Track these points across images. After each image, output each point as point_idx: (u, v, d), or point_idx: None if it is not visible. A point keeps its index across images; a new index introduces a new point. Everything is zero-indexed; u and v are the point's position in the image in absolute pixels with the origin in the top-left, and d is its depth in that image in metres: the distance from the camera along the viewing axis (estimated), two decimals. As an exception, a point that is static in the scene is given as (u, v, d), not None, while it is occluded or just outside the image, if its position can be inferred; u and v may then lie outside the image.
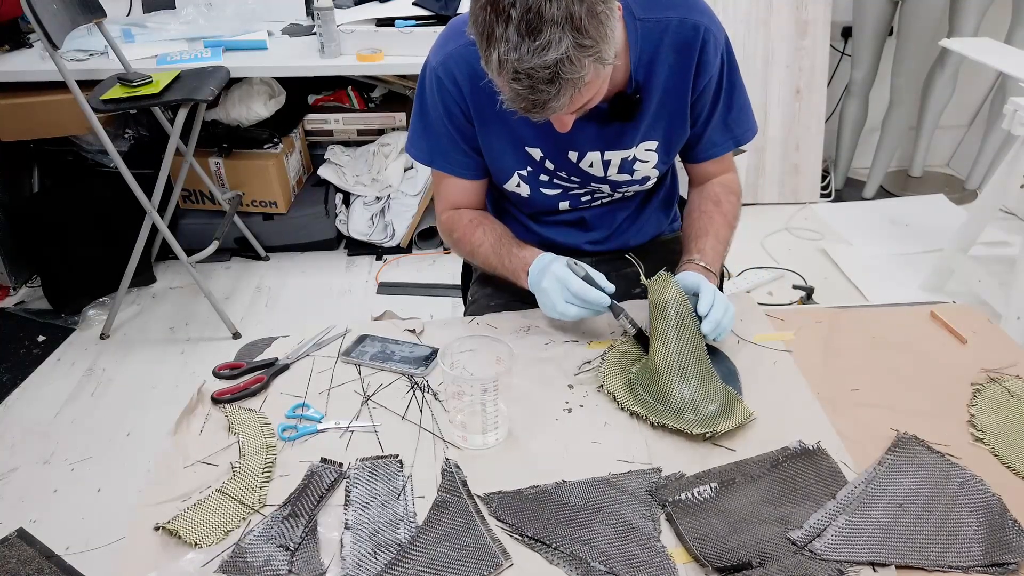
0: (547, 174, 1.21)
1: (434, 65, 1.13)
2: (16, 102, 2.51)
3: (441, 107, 1.15)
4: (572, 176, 1.21)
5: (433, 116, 1.18)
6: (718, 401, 1.00)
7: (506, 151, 1.19)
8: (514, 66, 0.86)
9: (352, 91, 2.96)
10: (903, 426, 0.95)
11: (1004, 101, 2.35)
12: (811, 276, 2.72)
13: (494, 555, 0.80)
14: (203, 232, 2.70)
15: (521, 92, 0.88)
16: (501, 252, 1.21)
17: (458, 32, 1.11)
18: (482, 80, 1.03)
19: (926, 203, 3.24)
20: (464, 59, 1.10)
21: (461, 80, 1.12)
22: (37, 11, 1.99)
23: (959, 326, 1.15)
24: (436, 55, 1.14)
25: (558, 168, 1.19)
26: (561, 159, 1.18)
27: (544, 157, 1.18)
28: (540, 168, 1.20)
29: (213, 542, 0.83)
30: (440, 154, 1.22)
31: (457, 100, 1.14)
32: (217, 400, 1.04)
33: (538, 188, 1.24)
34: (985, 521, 0.82)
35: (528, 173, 1.21)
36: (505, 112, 1.01)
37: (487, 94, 1.08)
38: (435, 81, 1.13)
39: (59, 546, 1.72)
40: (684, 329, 1.03)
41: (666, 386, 1.01)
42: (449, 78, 1.12)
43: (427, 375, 1.09)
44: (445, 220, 1.29)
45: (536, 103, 0.90)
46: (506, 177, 1.23)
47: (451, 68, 1.11)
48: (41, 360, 2.43)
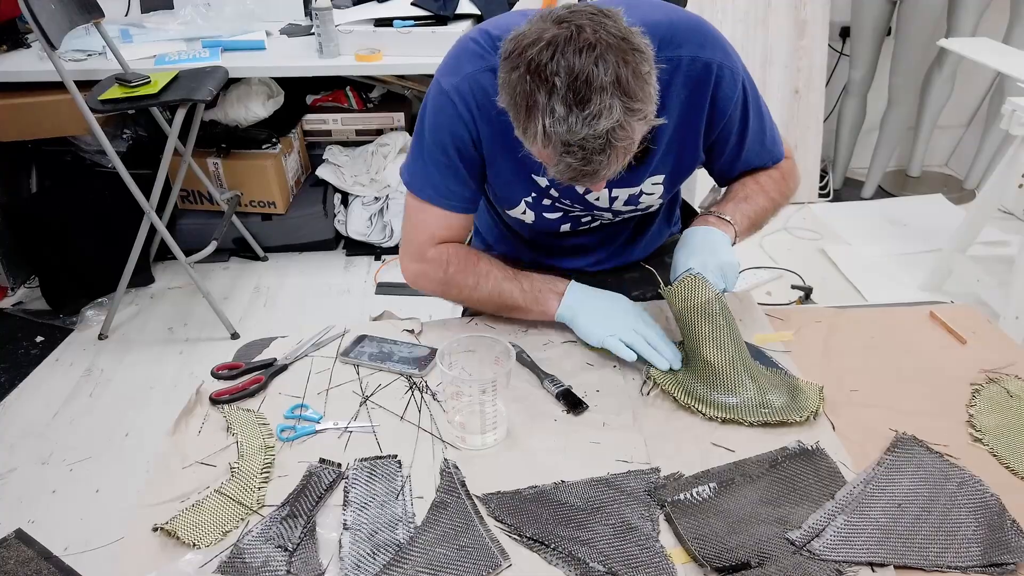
0: (551, 199, 1.17)
1: (446, 88, 1.05)
2: (14, 102, 2.50)
3: (447, 132, 1.08)
4: (576, 204, 1.18)
5: (433, 141, 1.09)
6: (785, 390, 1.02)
7: (514, 179, 1.14)
8: (564, 138, 0.82)
9: (350, 91, 2.96)
10: (902, 426, 0.95)
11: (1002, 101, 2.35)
12: (810, 276, 2.72)
13: (493, 555, 0.80)
14: (201, 232, 2.69)
15: (573, 164, 0.85)
16: (518, 278, 1.15)
17: (472, 55, 1.05)
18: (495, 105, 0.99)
19: (924, 203, 3.25)
20: (480, 85, 1.04)
21: (476, 105, 1.05)
22: (35, 11, 1.99)
23: (958, 326, 1.15)
24: (449, 77, 1.06)
25: (563, 196, 1.16)
26: (567, 189, 1.14)
27: (549, 186, 1.14)
28: (544, 194, 1.17)
29: (212, 543, 0.83)
30: (434, 185, 1.13)
31: (468, 126, 1.07)
32: (216, 400, 1.04)
33: (541, 213, 1.20)
34: (984, 521, 0.82)
35: (533, 199, 1.18)
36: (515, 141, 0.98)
37: (499, 122, 1.03)
38: (447, 104, 1.06)
39: (57, 547, 1.72)
40: (734, 327, 1.04)
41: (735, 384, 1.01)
42: (463, 102, 1.05)
43: (426, 375, 1.09)
44: (434, 256, 1.17)
45: (587, 173, 0.86)
46: (513, 205, 1.19)
47: (466, 92, 1.04)
48: (39, 360, 2.42)
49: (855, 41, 3.19)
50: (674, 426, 0.98)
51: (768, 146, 1.19)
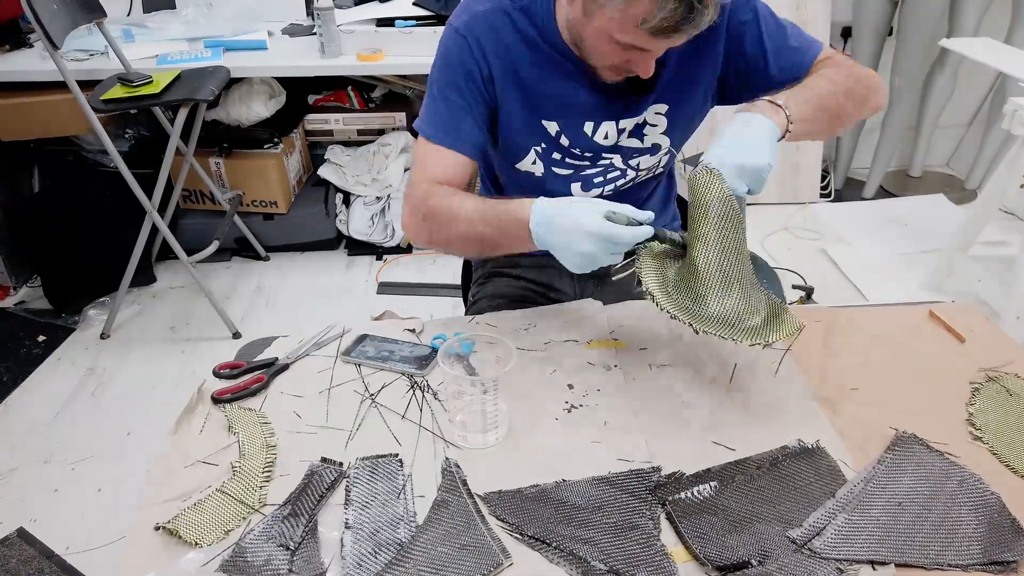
0: (560, 152, 1.19)
1: (457, 26, 1.11)
2: (16, 102, 2.51)
3: (459, 67, 1.11)
4: (585, 151, 1.19)
5: (445, 80, 1.12)
6: (764, 311, 0.97)
7: (523, 124, 1.17)
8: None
9: (352, 91, 2.96)
10: (902, 425, 0.96)
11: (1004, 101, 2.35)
12: (811, 276, 2.72)
13: (494, 554, 0.81)
14: (203, 232, 2.70)
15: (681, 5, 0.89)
16: (485, 209, 1.05)
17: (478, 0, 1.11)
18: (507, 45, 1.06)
19: (926, 203, 3.25)
20: (489, 22, 1.10)
21: (486, 43, 1.10)
22: (37, 11, 1.99)
23: (957, 325, 1.15)
24: (459, 17, 1.12)
25: (572, 144, 1.18)
26: (576, 132, 1.17)
27: (560, 132, 1.17)
28: (555, 145, 1.18)
29: (213, 541, 0.83)
30: (444, 123, 1.13)
31: (479, 61, 1.11)
32: (217, 400, 1.04)
33: (551, 167, 1.21)
34: (984, 519, 0.82)
35: (543, 149, 1.19)
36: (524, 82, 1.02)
37: (509, 61, 1.09)
38: (458, 41, 1.10)
39: (59, 545, 1.72)
40: (729, 232, 0.96)
41: (707, 293, 0.96)
42: (473, 39, 1.10)
43: (427, 375, 1.09)
44: (420, 192, 1.11)
45: (691, 18, 0.90)
46: (522, 154, 1.20)
47: (476, 30, 1.10)
48: (41, 360, 2.43)
49: (856, 41, 3.19)
50: (675, 425, 0.98)
51: (795, 45, 1.15)
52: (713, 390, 1.05)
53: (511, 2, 1.11)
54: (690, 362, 1.10)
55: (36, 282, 2.78)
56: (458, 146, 1.13)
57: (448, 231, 1.09)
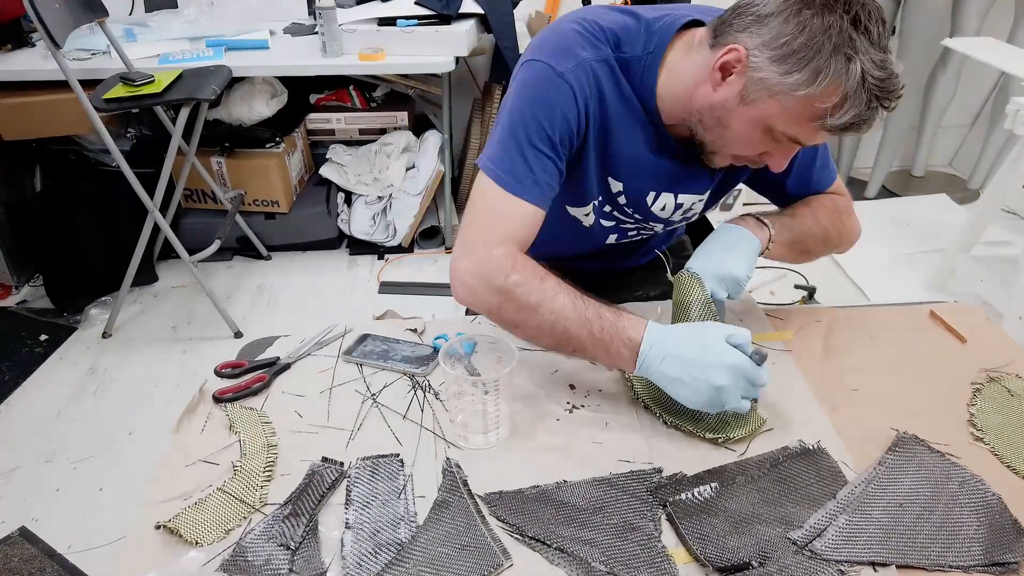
0: (613, 206, 1.15)
1: (561, 71, 0.99)
2: (18, 101, 2.51)
3: (560, 116, 1.00)
4: (636, 214, 1.16)
5: (538, 126, 1.00)
6: None
7: (593, 178, 1.10)
8: (881, 82, 0.88)
9: (354, 90, 2.96)
10: (903, 425, 0.95)
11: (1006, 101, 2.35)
12: (813, 275, 2.72)
13: (495, 555, 0.81)
14: (205, 231, 2.70)
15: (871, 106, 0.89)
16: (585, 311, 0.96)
17: (584, 42, 1.02)
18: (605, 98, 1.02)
19: (928, 203, 3.24)
20: (595, 74, 1.01)
21: (590, 95, 1.01)
22: (39, 10, 1.99)
23: (958, 325, 1.15)
24: (562, 61, 1.00)
25: (628, 205, 1.14)
26: (636, 198, 1.13)
27: (621, 192, 1.12)
28: (611, 201, 1.14)
29: (214, 541, 0.83)
30: (527, 174, 1.01)
31: (580, 112, 1.01)
32: (219, 399, 1.04)
33: (599, 219, 1.18)
34: (985, 520, 0.82)
35: (599, 202, 1.15)
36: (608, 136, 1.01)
37: (603, 116, 1.03)
38: (563, 88, 0.99)
39: (61, 545, 1.72)
40: None
41: None
42: (580, 87, 1.00)
43: (428, 374, 1.09)
44: (501, 255, 0.98)
45: (870, 120, 0.91)
46: (583, 203, 1.14)
47: (583, 80, 1.00)
48: (43, 359, 2.43)
49: (859, 40, 3.18)
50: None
51: (819, 167, 1.19)
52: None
53: (612, 51, 1.03)
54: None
55: (38, 281, 2.78)
56: (538, 200, 1.02)
57: (528, 317, 0.98)
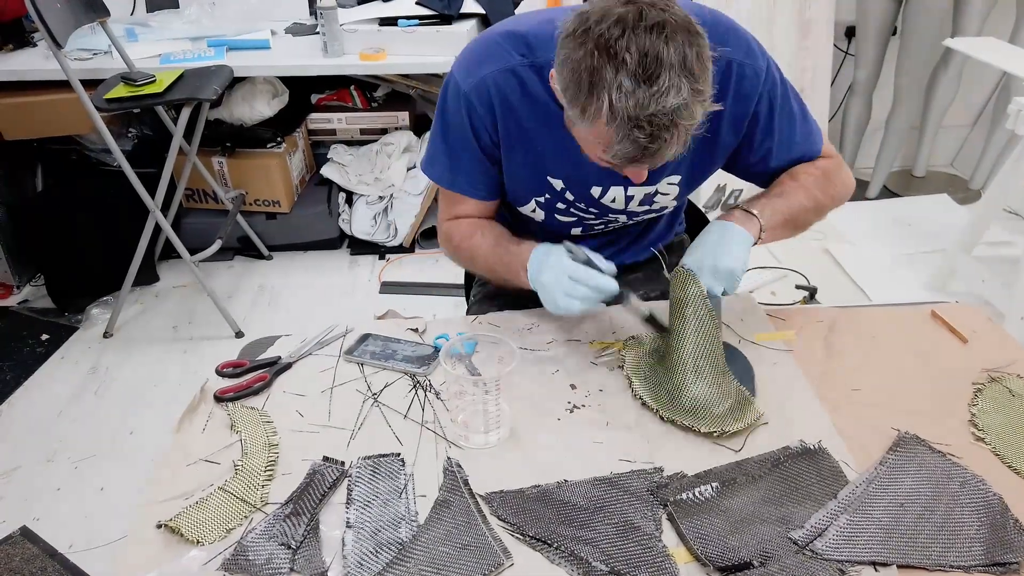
0: (564, 203, 1.18)
1: (466, 90, 1.06)
2: (20, 101, 2.51)
3: (469, 131, 1.10)
4: (590, 208, 1.18)
5: (457, 136, 1.12)
6: (730, 401, 1.00)
7: (527, 178, 1.15)
8: (632, 113, 0.82)
9: (355, 90, 2.96)
10: (904, 425, 0.95)
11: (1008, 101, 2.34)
12: (814, 275, 2.72)
13: (495, 554, 0.81)
14: (206, 231, 2.70)
15: (638, 140, 0.84)
16: (499, 252, 1.17)
17: (491, 54, 1.06)
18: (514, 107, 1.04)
19: (929, 203, 3.24)
20: (497, 85, 1.05)
21: (495, 106, 1.07)
22: (41, 10, 2.00)
23: (960, 325, 1.15)
24: (467, 78, 1.07)
25: (577, 200, 1.16)
26: (582, 192, 1.15)
27: (565, 188, 1.15)
28: (559, 197, 1.17)
29: (215, 540, 0.83)
30: (462, 175, 1.16)
31: (487, 125, 1.09)
32: (220, 398, 1.04)
33: (553, 215, 1.21)
34: (986, 520, 0.82)
35: (545, 200, 1.18)
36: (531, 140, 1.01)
37: (515, 121, 1.07)
38: (465, 105, 1.07)
39: (62, 544, 1.72)
40: (702, 327, 1.03)
41: (680, 384, 1.01)
42: (482, 103, 1.06)
43: (429, 374, 1.09)
44: (446, 229, 1.24)
45: (649, 151, 0.86)
46: (523, 202, 1.20)
47: (485, 93, 1.06)
48: (44, 359, 2.43)
49: (860, 41, 3.18)
50: (677, 426, 0.98)
51: (800, 141, 1.16)
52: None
53: (522, 58, 1.05)
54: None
55: (39, 281, 2.79)
56: (479, 194, 1.19)
57: (471, 264, 1.27)
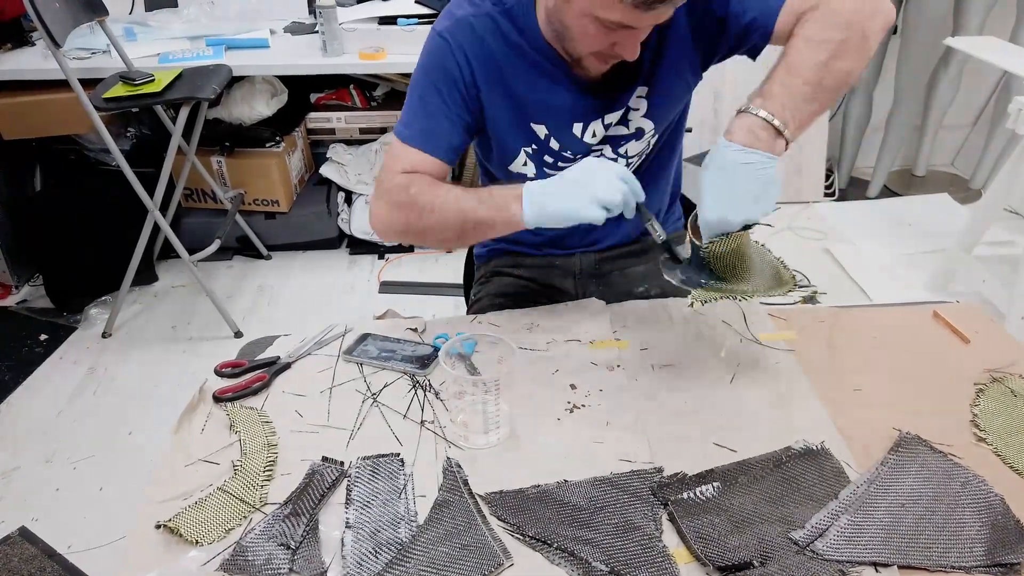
0: (551, 155, 1.18)
1: (440, 30, 1.10)
2: (18, 100, 2.51)
3: (441, 70, 1.10)
4: (577, 153, 1.18)
5: (427, 82, 1.11)
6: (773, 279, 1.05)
7: (511, 126, 1.16)
8: None
9: (354, 89, 2.96)
10: (906, 426, 0.95)
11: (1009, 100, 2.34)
12: (815, 275, 2.70)
13: (495, 554, 0.80)
14: (205, 231, 2.70)
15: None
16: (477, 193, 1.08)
17: (461, 5, 1.10)
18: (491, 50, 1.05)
19: (930, 203, 3.24)
20: (472, 27, 1.08)
21: (468, 48, 1.09)
22: (39, 9, 1.99)
23: (962, 326, 1.14)
24: (442, 22, 1.11)
25: (563, 147, 1.17)
26: (566, 134, 1.16)
27: (549, 135, 1.16)
28: (545, 148, 1.18)
29: (214, 540, 0.83)
30: (423, 129, 1.12)
31: (462, 65, 1.10)
32: (219, 398, 1.04)
33: (543, 168, 1.21)
34: (988, 521, 0.82)
35: (534, 151, 1.19)
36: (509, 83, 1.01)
37: (494, 66, 1.08)
38: (441, 45, 1.09)
39: (61, 544, 1.72)
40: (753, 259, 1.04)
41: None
42: (456, 44, 1.09)
43: (429, 374, 1.09)
44: (397, 182, 1.11)
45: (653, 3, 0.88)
46: (512, 156, 1.20)
47: (459, 35, 1.09)
48: (43, 359, 2.43)
49: (860, 40, 3.18)
50: (677, 426, 0.98)
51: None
52: (716, 390, 1.04)
53: (494, 5, 1.09)
54: (693, 362, 1.10)
55: (38, 281, 2.78)
56: (432, 149, 1.12)
57: (431, 218, 1.09)
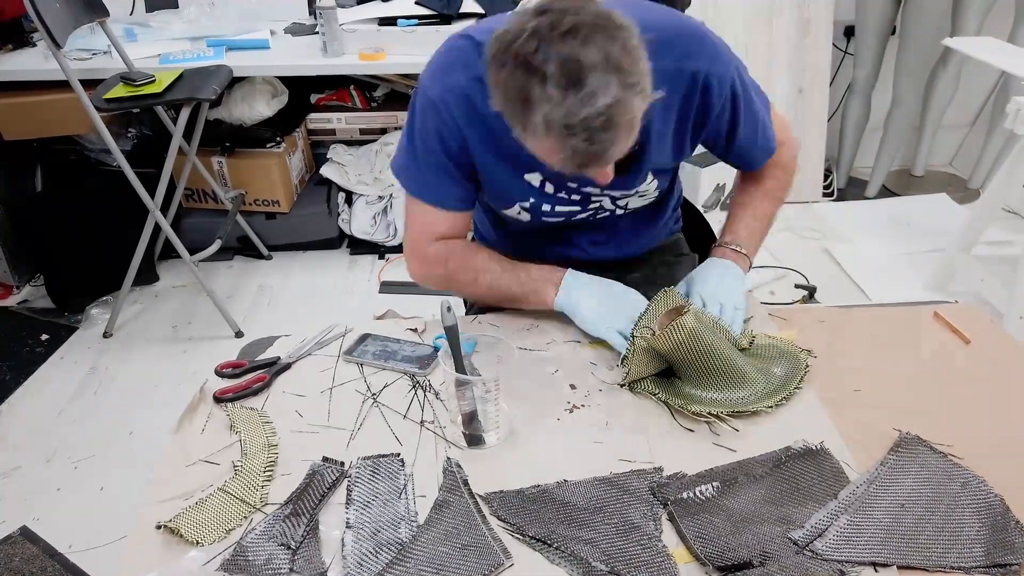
0: (549, 202, 1.17)
1: (432, 96, 1.06)
2: (19, 101, 2.51)
3: (437, 138, 1.08)
4: (572, 196, 1.17)
5: (425, 146, 1.10)
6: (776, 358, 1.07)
7: (505, 181, 1.14)
8: (564, 122, 0.82)
9: (355, 90, 2.96)
10: (905, 426, 0.95)
11: (1007, 100, 2.34)
12: (814, 275, 2.72)
13: (495, 554, 0.81)
14: (206, 231, 2.70)
15: (578, 147, 0.84)
16: (515, 270, 1.17)
17: (454, 61, 1.06)
18: (482, 114, 1.02)
19: (929, 202, 3.24)
20: (463, 93, 1.04)
21: (459, 115, 1.05)
22: (40, 10, 1.99)
23: (962, 326, 1.15)
24: (433, 85, 1.06)
25: (558, 190, 1.15)
26: (560, 181, 1.14)
27: (544, 180, 1.14)
28: (541, 197, 1.16)
29: (215, 540, 0.83)
30: (430, 186, 1.14)
31: (455, 134, 1.07)
32: (219, 399, 1.04)
33: (540, 217, 1.20)
34: (987, 521, 0.82)
35: (531, 204, 1.17)
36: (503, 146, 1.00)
37: (485, 127, 1.06)
38: (432, 112, 1.06)
39: (62, 544, 1.72)
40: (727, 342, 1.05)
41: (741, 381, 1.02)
42: (448, 112, 1.05)
43: (429, 374, 1.09)
44: (433, 252, 1.19)
45: (594, 156, 0.86)
46: (507, 206, 1.19)
47: (451, 102, 1.05)
48: (44, 359, 2.43)
49: (859, 40, 3.18)
50: (677, 426, 0.98)
51: (761, 143, 1.21)
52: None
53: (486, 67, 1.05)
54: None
55: (39, 281, 2.78)
56: (446, 204, 1.16)
57: (471, 288, 1.22)
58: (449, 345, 0.94)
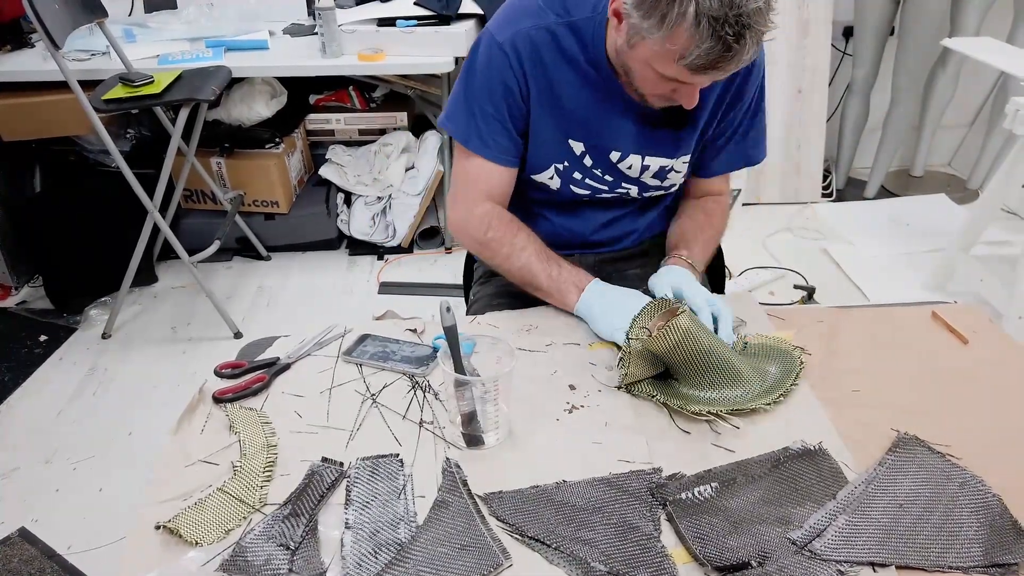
0: (582, 172, 1.20)
1: (500, 40, 1.10)
2: (18, 102, 2.51)
3: (499, 83, 1.12)
4: (606, 174, 1.20)
5: (483, 91, 1.14)
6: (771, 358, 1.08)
7: (549, 140, 1.18)
8: (717, 13, 0.85)
9: (354, 91, 2.96)
10: (904, 426, 0.95)
11: (1006, 100, 2.35)
12: (812, 276, 2.72)
13: (494, 555, 0.81)
14: (204, 232, 2.70)
15: (726, 37, 0.87)
16: (548, 263, 1.19)
17: (528, 12, 1.11)
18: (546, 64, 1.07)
19: (927, 203, 3.24)
20: (532, 40, 1.09)
21: (527, 61, 1.10)
22: (39, 11, 1.99)
23: (961, 326, 1.15)
24: (503, 31, 1.11)
25: (595, 165, 1.19)
26: (601, 156, 1.18)
27: (585, 152, 1.17)
28: (577, 164, 1.19)
29: (214, 541, 0.83)
30: (480, 135, 1.17)
31: (519, 79, 1.11)
32: (218, 399, 1.04)
33: (569, 185, 1.23)
34: (985, 521, 0.82)
35: (564, 168, 1.20)
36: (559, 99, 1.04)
37: (546, 79, 1.10)
38: (499, 56, 1.11)
39: (61, 545, 1.72)
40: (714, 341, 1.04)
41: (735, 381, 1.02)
42: (515, 55, 1.10)
43: (428, 375, 1.09)
44: (480, 214, 1.21)
45: (730, 56, 0.89)
46: (541, 168, 1.22)
47: (519, 47, 1.10)
48: (43, 360, 2.43)
49: (858, 40, 3.18)
50: (676, 427, 0.98)
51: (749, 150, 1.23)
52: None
53: (557, 17, 1.10)
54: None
55: (37, 282, 2.78)
56: (501, 158, 1.19)
57: (502, 263, 1.22)
58: (448, 346, 0.94)
